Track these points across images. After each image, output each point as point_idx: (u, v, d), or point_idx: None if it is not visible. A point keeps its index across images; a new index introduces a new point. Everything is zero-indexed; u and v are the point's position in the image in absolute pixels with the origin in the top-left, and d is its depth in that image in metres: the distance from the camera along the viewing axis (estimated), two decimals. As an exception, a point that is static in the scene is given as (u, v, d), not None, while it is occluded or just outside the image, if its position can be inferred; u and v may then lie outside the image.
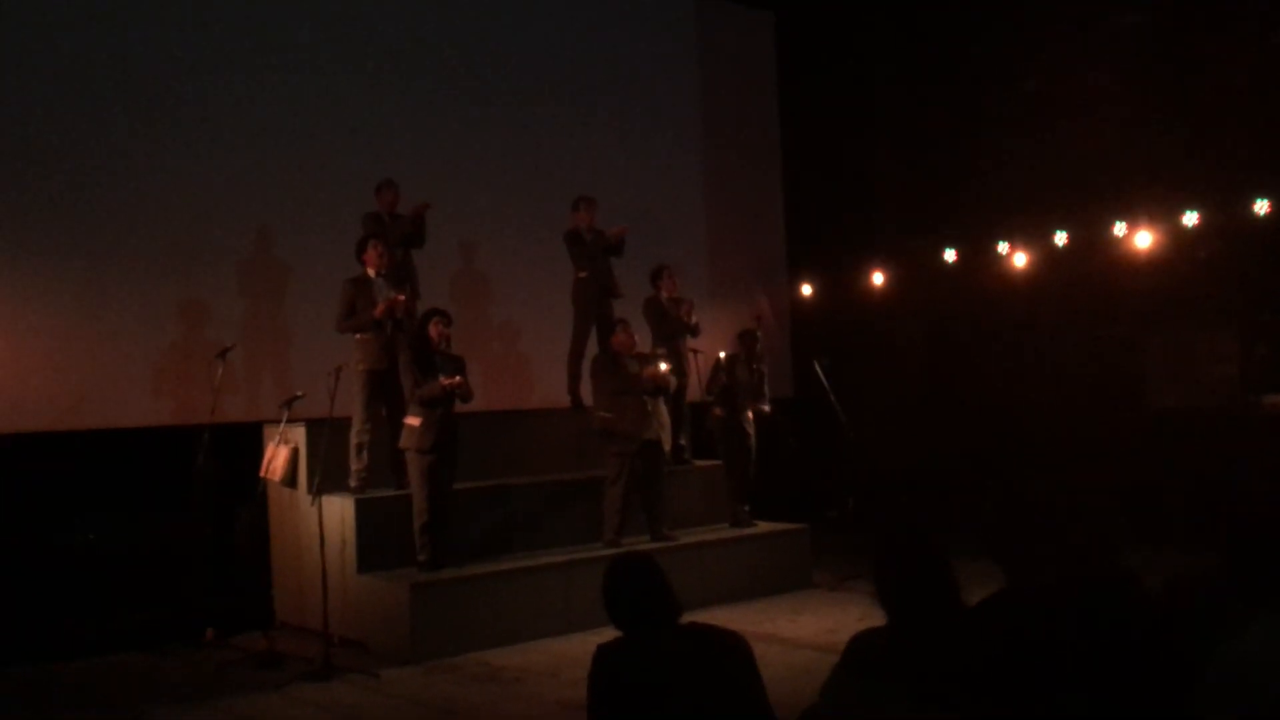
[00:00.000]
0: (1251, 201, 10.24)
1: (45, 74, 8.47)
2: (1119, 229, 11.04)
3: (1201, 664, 2.48)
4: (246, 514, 8.86)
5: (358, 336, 8.28)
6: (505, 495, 8.82)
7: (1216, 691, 2.42)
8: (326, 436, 7.62)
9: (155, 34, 8.99)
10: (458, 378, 7.86)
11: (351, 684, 6.87)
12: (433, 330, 7.97)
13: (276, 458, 8.33)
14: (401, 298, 8.30)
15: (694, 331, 9.76)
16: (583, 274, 9.66)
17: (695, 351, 9.82)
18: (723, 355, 9.59)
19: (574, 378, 9.76)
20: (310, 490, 7.81)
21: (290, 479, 8.35)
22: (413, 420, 7.87)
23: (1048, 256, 11.78)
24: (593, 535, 8.70)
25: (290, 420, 8.06)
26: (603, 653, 3.21)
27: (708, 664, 3.18)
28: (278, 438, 8.27)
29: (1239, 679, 2.39)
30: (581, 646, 3.43)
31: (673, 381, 9.02)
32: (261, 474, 8.40)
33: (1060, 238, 11.57)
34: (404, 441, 7.94)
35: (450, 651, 7.46)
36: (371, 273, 8.33)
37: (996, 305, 12.20)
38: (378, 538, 8.01)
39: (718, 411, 9.58)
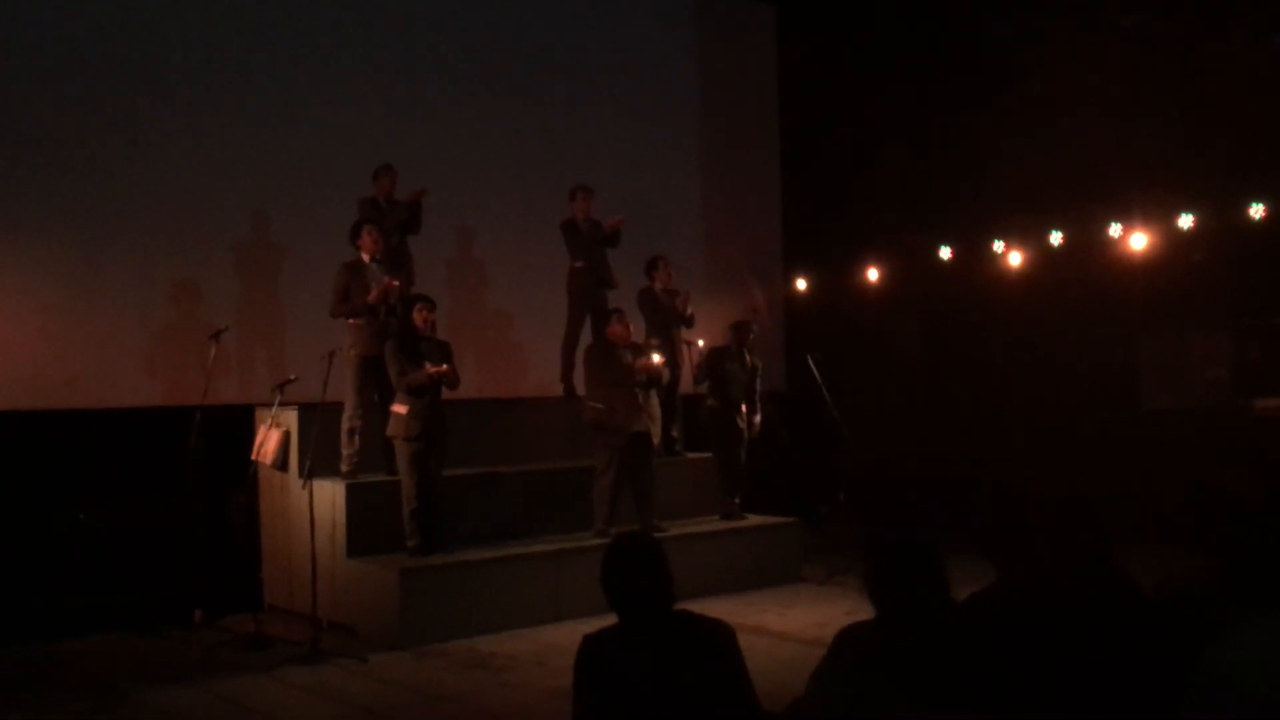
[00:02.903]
0: (1247, 205, 10.25)
1: (41, 54, 8.43)
2: (1114, 230, 11.04)
3: (1191, 664, 2.48)
4: (237, 497, 8.84)
5: (351, 321, 8.27)
6: (496, 483, 8.82)
7: (1206, 692, 2.42)
8: (318, 420, 7.61)
9: (153, 14, 8.96)
10: (444, 365, 7.85)
11: (339, 668, 6.88)
12: (417, 317, 7.96)
13: (268, 441, 8.32)
14: (395, 283, 8.28)
15: (688, 323, 9.75)
16: (578, 264, 9.64)
17: (689, 343, 9.82)
18: (701, 343, 9.58)
19: (567, 367, 9.77)
20: (301, 474, 7.79)
21: (281, 462, 8.35)
22: (399, 408, 7.86)
23: (1043, 256, 11.78)
24: (583, 525, 8.70)
25: (283, 404, 8.06)
26: (588, 641, 3.21)
27: (694, 652, 3.18)
28: (270, 421, 8.26)
29: (1229, 679, 2.40)
30: (570, 635, 3.42)
31: (666, 374, 8.99)
32: (253, 457, 8.39)
33: (1056, 238, 11.57)
34: (391, 429, 7.93)
35: (439, 637, 7.46)
36: (366, 258, 8.31)
37: (991, 304, 12.21)
38: (368, 522, 8.01)
39: (710, 403, 9.59)
